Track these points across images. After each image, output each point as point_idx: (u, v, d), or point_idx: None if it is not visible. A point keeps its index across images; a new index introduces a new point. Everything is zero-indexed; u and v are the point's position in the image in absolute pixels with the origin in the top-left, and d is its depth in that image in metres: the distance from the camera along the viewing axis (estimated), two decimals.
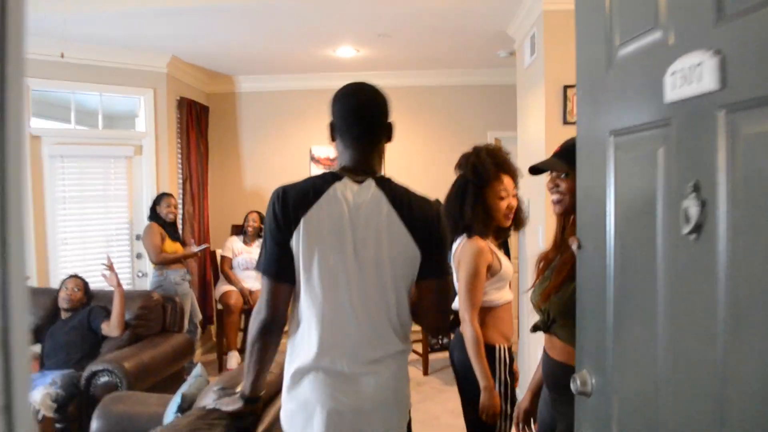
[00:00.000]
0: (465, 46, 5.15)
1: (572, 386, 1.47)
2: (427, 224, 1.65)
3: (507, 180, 2.40)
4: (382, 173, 1.72)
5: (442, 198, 2.43)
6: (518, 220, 2.53)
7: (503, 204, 2.40)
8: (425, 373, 5.15)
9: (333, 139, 1.75)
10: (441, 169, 6.13)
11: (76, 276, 4.07)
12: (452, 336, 2.60)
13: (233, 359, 5.26)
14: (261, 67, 5.89)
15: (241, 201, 6.23)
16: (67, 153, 4.84)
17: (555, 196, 1.86)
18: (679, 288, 1.08)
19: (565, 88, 3.56)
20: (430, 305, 1.68)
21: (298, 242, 1.60)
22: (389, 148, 1.81)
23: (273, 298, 1.64)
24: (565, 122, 3.54)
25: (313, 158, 6.20)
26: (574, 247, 1.57)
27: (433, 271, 1.67)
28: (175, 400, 2.32)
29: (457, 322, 2.45)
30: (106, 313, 3.85)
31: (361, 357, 1.62)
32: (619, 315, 1.33)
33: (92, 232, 4.98)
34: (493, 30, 4.64)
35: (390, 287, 1.63)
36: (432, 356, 5.37)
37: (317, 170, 6.19)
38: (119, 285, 3.85)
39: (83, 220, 4.94)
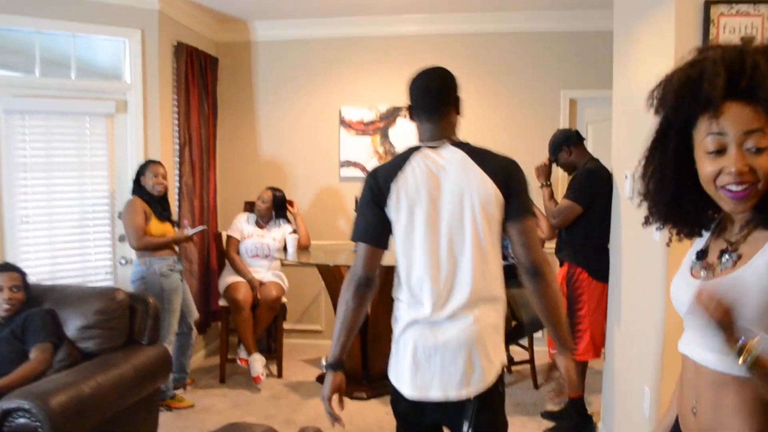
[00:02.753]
0: None
1: None
2: (506, 172, 1.82)
3: (736, 112, 1.07)
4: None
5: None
6: None
7: (708, 166, 1.11)
8: None
9: (412, 119, 1.96)
10: (497, 136, 4.94)
11: (12, 268, 3.06)
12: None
13: (257, 364, 4.24)
14: (281, 10, 4.76)
15: (256, 173, 5.16)
16: (29, 108, 3.83)
17: None
18: None
19: (707, 4, 2.31)
20: (528, 241, 1.80)
21: (393, 207, 1.83)
22: None
23: (369, 260, 1.86)
24: None
25: (343, 121, 5.06)
26: None
27: (520, 211, 1.81)
28: None
29: None
30: (48, 329, 2.85)
31: (453, 302, 1.79)
32: None
33: (62, 209, 3.97)
34: None
35: (485, 230, 1.79)
36: None
37: (347, 136, 5.05)
38: None
39: (50, 193, 3.94)
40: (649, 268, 2.57)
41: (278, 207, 4.63)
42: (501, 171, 1.80)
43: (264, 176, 5.09)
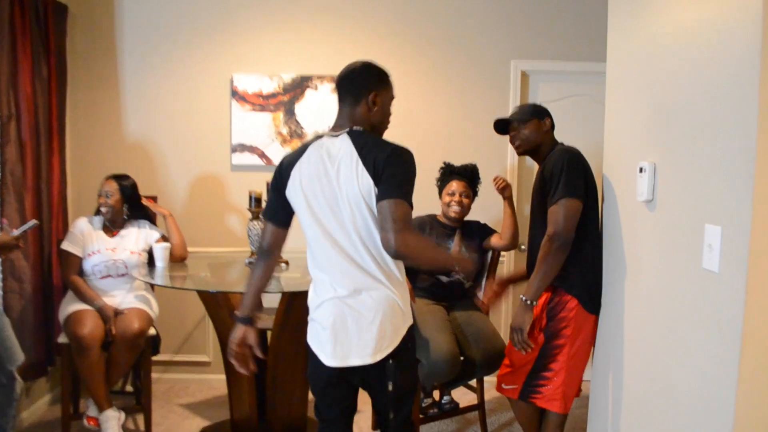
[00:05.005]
0: None
1: None
2: (380, 159, 1.89)
3: None
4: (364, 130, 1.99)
5: None
6: None
7: None
8: None
9: None
10: (434, 114, 3.92)
11: None
12: None
13: (111, 424, 3.08)
14: None
15: (120, 158, 3.94)
16: None
17: None
18: None
19: None
20: (380, 224, 1.86)
21: (291, 193, 2.02)
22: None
23: (270, 236, 2.13)
24: None
25: (235, 93, 3.92)
26: None
27: (381, 194, 1.87)
28: None
29: None
30: None
31: (348, 283, 1.94)
32: None
33: None
34: None
35: (360, 221, 1.92)
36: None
37: (241, 112, 3.92)
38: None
39: None
40: (703, 308, 1.65)
41: (131, 202, 3.42)
42: (375, 160, 1.89)
43: (130, 163, 3.88)
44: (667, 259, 1.87)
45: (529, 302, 2.32)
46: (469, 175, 3.25)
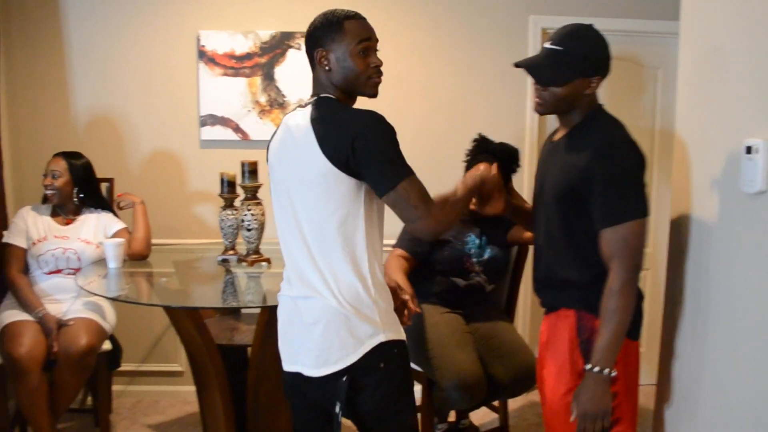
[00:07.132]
0: None
1: None
2: (342, 139, 1.53)
3: None
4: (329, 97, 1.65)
5: None
6: None
7: None
8: None
9: None
10: (442, 79, 3.28)
11: None
12: None
13: None
14: None
15: (68, 135, 3.32)
16: None
17: None
18: None
19: None
20: (401, 217, 1.58)
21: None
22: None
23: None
24: None
25: (203, 55, 3.29)
26: None
27: (378, 186, 1.55)
28: None
29: None
30: None
31: (298, 283, 1.68)
32: None
33: None
34: None
35: (303, 213, 1.63)
36: None
37: (211, 77, 3.32)
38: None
39: None
40: None
41: (83, 186, 2.88)
42: (335, 137, 1.54)
43: (80, 140, 3.28)
44: None
45: (606, 372, 1.64)
46: (504, 158, 2.55)
